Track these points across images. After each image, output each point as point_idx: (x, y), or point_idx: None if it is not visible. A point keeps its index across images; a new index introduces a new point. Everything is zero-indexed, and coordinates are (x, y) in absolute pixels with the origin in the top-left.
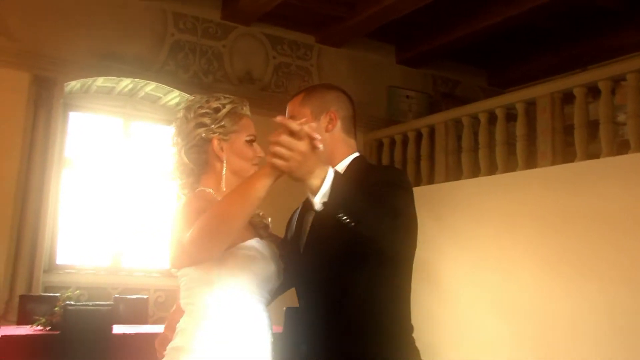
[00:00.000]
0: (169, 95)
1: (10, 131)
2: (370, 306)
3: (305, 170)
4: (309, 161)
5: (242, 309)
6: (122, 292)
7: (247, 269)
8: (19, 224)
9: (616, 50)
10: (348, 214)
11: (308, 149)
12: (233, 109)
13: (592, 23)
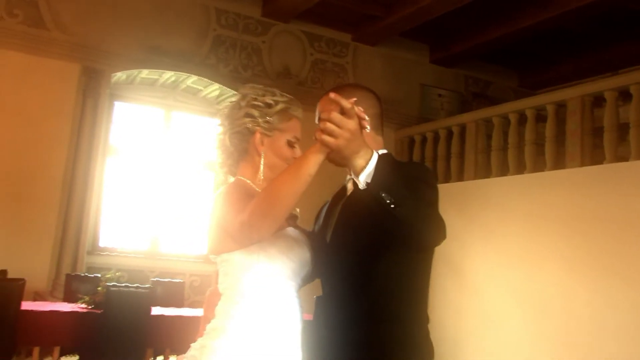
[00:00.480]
0: (209, 88)
1: (59, 119)
2: (388, 295)
3: (352, 149)
4: (356, 141)
5: (277, 294)
6: (159, 275)
7: (284, 255)
8: (66, 207)
9: None
10: (391, 193)
11: (357, 128)
12: (284, 109)
13: (623, 27)
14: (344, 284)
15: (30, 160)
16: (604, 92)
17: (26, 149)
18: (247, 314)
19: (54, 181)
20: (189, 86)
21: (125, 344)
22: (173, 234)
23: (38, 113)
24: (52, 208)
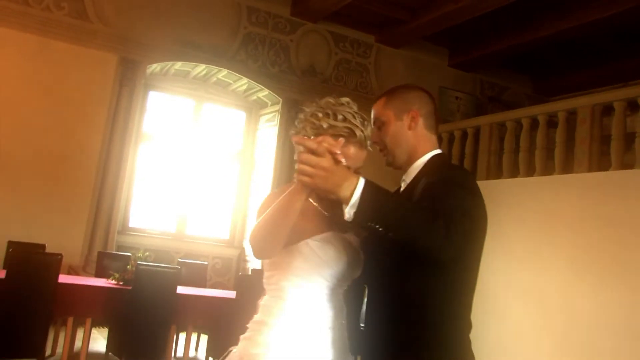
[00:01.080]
0: (238, 82)
1: (97, 106)
2: (419, 301)
3: (333, 183)
4: (335, 175)
5: (311, 294)
6: (184, 256)
7: (318, 259)
8: (100, 189)
9: None
10: (378, 222)
11: (330, 164)
12: (338, 133)
13: (635, 42)
14: (381, 288)
15: (69, 143)
16: (613, 102)
17: (65, 132)
18: (286, 311)
19: (89, 163)
20: (219, 79)
21: (151, 320)
22: (198, 218)
23: (78, 99)
24: (87, 189)
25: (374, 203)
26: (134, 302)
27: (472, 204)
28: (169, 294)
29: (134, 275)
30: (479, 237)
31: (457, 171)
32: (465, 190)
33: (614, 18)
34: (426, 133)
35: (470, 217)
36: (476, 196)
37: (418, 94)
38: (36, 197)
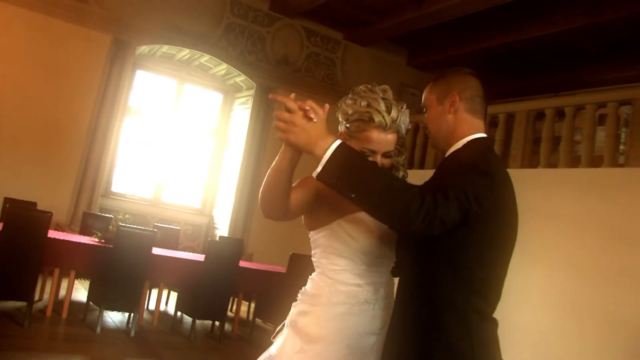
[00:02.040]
0: (218, 67)
1: (89, 80)
2: (430, 280)
3: (305, 140)
4: (307, 132)
5: (346, 271)
6: (159, 221)
7: (349, 238)
8: (87, 155)
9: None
10: (343, 180)
11: (300, 120)
12: (360, 118)
13: (567, 59)
14: (405, 268)
15: (62, 112)
16: (545, 109)
17: (59, 102)
18: (327, 286)
19: (79, 131)
20: (201, 63)
21: (128, 275)
22: (174, 187)
23: (73, 73)
24: (76, 154)
25: (343, 162)
26: (113, 259)
27: (478, 186)
28: (145, 253)
29: (115, 235)
30: (489, 223)
31: (479, 154)
32: (476, 172)
33: (550, 36)
34: (468, 117)
35: (468, 198)
36: (489, 180)
37: (462, 78)
38: (31, 159)
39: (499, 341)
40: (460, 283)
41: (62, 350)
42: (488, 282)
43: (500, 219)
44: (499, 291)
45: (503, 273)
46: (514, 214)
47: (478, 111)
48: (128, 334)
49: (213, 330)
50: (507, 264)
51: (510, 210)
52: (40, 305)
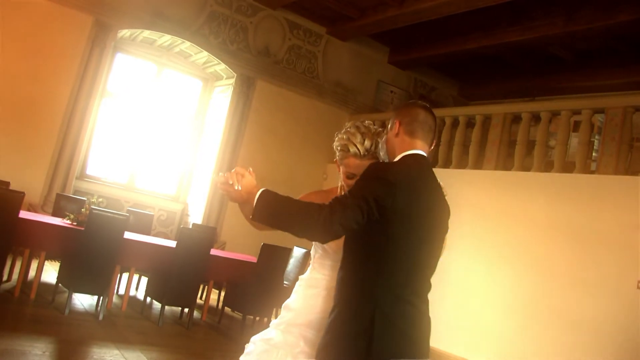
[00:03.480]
0: (198, 55)
1: (69, 61)
2: (350, 266)
3: (240, 196)
4: (240, 191)
5: (318, 272)
6: (132, 206)
7: (322, 250)
8: (63, 136)
9: (559, 90)
10: (269, 221)
11: (233, 185)
12: (342, 148)
13: (545, 65)
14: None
15: (40, 92)
16: (522, 113)
17: (37, 82)
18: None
19: (56, 112)
20: (182, 50)
21: (99, 259)
22: (149, 173)
23: (53, 53)
24: (52, 135)
25: (265, 207)
26: (85, 242)
27: (378, 192)
28: (117, 237)
29: (88, 218)
30: (394, 222)
31: (388, 165)
32: (377, 180)
33: (528, 42)
34: (406, 138)
35: (368, 202)
36: (390, 186)
37: (407, 108)
38: (5, 137)
39: (415, 320)
40: (371, 267)
41: (29, 331)
42: (398, 268)
43: (406, 219)
44: (415, 278)
45: (417, 262)
46: (422, 214)
47: (415, 133)
48: (96, 317)
49: (182, 317)
50: (423, 255)
51: (418, 210)
52: (8, 286)
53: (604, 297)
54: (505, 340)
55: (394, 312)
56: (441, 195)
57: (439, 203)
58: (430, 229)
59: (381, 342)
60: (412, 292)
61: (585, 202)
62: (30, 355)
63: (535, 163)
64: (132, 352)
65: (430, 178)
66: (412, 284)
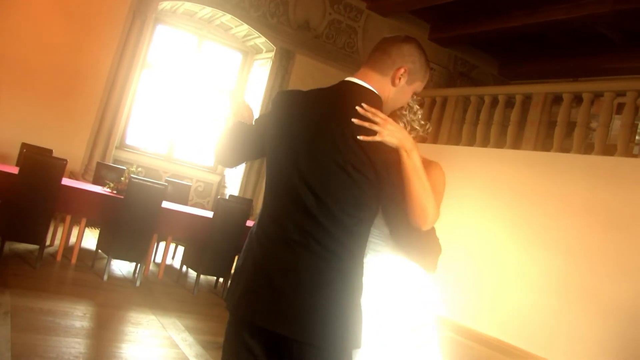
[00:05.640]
0: (239, 28)
1: (111, 31)
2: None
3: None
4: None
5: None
6: (171, 176)
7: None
8: (104, 106)
9: (603, 71)
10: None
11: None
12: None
13: (589, 44)
14: None
15: (81, 63)
16: (563, 94)
17: (79, 53)
18: None
19: (97, 82)
20: (222, 23)
21: (137, 227)
22: (187, 144)
23: (93, 25)
24: (93, 104)
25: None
26: (124, 210)
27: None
28: (155, 206)
29: (127, 186)
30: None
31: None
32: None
33: (574, 21)
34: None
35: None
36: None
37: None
38: (49, 106)
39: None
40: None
41: (70, 294)
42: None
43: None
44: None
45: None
46: (278, 131)
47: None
48: (134, 283)
49: (216, 287)
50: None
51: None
52: (51, 250)
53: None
54: (539, 322)
55: (248, 239)
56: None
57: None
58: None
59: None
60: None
61: (625, 186)
62: (72, 316)
63: (575, 145)
64: (167, 318)
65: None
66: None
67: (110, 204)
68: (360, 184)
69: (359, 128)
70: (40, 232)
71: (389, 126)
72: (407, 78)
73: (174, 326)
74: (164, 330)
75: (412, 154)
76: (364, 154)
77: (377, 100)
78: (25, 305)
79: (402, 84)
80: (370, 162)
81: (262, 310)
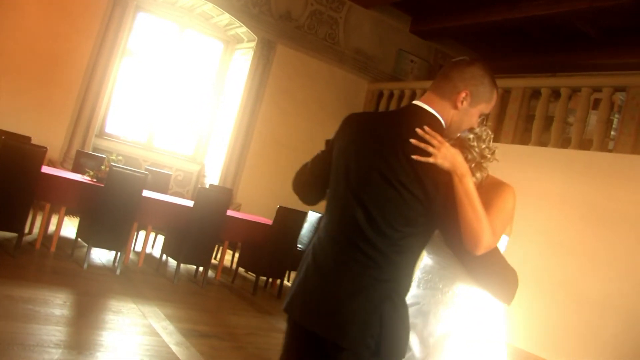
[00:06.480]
0: (220, 17)
1: (91, 18)
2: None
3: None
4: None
5: None
6: (151, 165)
7: None
8: (84, 94)
9: (581, 67)
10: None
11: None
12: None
13: (567, 40)
14: None
15: (61, 50)
16: (542, 88)
17: (59, 40)
18: None
19: (77, 70)
20: (204, 12)
21: (118, 215)
22: (167, 132)
23: (73, 11)
24: (72, 92)
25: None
26: (104, 198)
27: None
28: (135, 195)
29: (107, 174)
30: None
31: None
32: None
33: (553, 16)
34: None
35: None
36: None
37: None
38: (27, 94)
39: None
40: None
41: (49, 282)
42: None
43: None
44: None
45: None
46: (341, 150)
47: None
48: (114, 272)
49: (196, 276)
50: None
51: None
52: (30, 238)
53: (614, 276)
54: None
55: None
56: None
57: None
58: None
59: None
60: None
61: (601, 180)
62: (52, 304)
63: (553, 139)
64: (148, 306)
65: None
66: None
67: (91, 192)
68: (407, 200)
69: (414, 149)
70: (19, 220)
71: (443, 149)
72: (469, 101)
73: (154, 314)
74: (144, 319)
75: (464, 179)
76: (414, 173)
77: (438, 124)
78: (4, 294)
79: (465, 106)
80: (420, 181)
81: (304, 310)
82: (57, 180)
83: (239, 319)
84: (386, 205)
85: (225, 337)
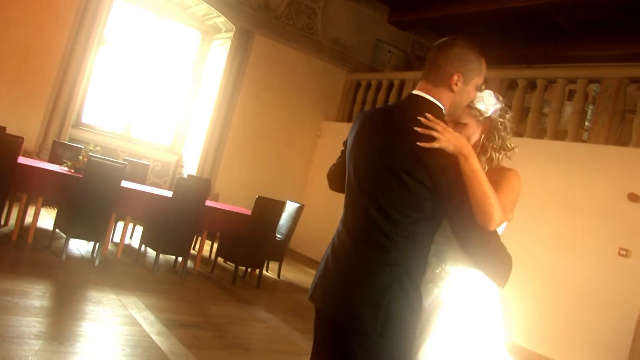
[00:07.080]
0: (198, 6)
1: (65, 8)
2: None
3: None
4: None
5: None
6: (128, 155)
7: None
8: (60, 83)
9: (557, 59)
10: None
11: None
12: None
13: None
14: None
15: (36, 39)
16: (518, 79)
17: (34, 28)
18: None
19: (52, 59)
20: (182, 1)
21: (96, 206)
22: (145, 123)
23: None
24: (47, 82)
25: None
26: (82, 189)
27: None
28: (114, 185)
29: (86, 165)
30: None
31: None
32: None
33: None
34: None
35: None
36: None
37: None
38: (2, 83)
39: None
40: None
41: (27, 274)
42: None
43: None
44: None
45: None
46: (349, 147)
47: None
48: (93, 263)
49: (175, 266)
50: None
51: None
52: (6, 230)
53: (586, 263)
54: None
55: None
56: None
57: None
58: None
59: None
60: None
61: (575, 169)
62: (31, 295)
63: (529, 129)
64: (128, 297)
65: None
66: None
67: (69, 183)
68: (413, 187)
69: (418, 136)
70: None
71: (447, 134)
72: (463, 80)
73: (134, 305)
74: (125, 309)
75: (469, 159)
76: (419, 160)
77: (437, 110)
78: None
79: (460, 87)
80: (425, 165)
81: (323, 297)
82: (34, 171)
83: (219, 308)
84: (392, 194)
85: (206, 326)
